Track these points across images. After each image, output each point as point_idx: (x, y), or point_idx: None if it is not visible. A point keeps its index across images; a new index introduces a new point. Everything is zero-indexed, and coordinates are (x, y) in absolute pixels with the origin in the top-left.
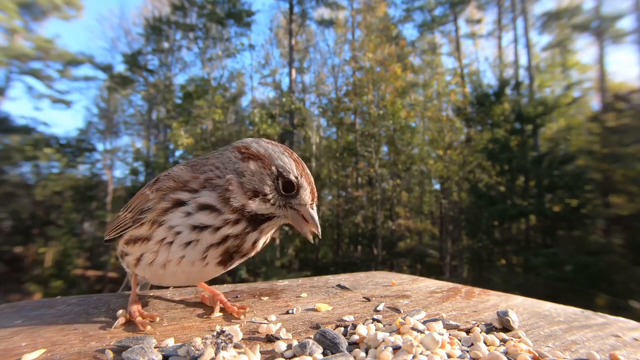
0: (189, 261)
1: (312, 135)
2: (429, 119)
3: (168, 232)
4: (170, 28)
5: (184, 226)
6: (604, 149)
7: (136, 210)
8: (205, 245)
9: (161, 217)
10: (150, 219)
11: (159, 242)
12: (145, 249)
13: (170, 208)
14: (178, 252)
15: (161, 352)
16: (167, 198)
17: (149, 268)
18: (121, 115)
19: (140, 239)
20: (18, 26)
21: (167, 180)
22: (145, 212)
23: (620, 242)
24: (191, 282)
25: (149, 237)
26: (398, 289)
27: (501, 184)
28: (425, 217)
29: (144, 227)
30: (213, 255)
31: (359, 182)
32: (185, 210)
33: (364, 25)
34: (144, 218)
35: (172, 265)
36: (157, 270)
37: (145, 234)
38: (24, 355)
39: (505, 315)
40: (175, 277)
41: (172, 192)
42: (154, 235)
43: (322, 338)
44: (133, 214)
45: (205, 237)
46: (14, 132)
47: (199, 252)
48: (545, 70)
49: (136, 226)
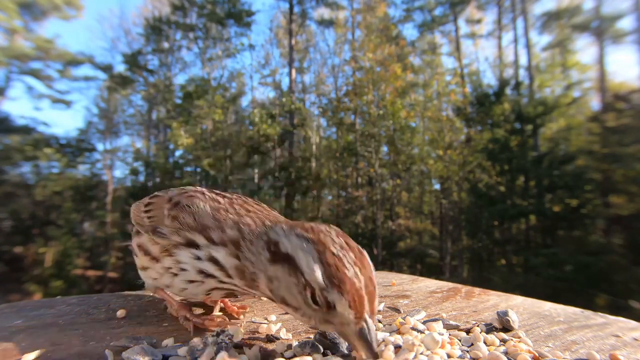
0: (190, 293)
1: (312, 135)
2: (429, 119)
3: (175, 265)
4: (170, 28)
5: (191, 267)
6: (604, 149)
7: (151, 224)
8: (210, 287)
9: (172, 248)
10: (163, 245)
11: (165, 269)
12: (151, 266)
13: (182, 245)
14: (181, 285)
15: (161, 352)
16: (181, 234)
17: (152, 282)
18: (121, 115)
19: (150, 255)
20: (18, 26)
21: (186, 215)
22: (158, 234)
23: (620, 242)
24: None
25: (158, 259)
26: (398, 289)
27: (501, 184)
28: (425, 217)
29: (156, 247)
30: (218, 294)
31: (359, 182)
32: (196, 253)
33: (364, 25)
34: (156, 238)
35: (173, 289)
36: (158, 284)
37: (155, 254)
38: (24, 355)
39: (505, 315)
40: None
41: (188, 231)
42: (162, 261)
43: (322, 338)
44: (150, 223)
45: (211, 282)
46: (14, 132)
47: (202, 290)
48: (545, 70)
49: (149, 238)
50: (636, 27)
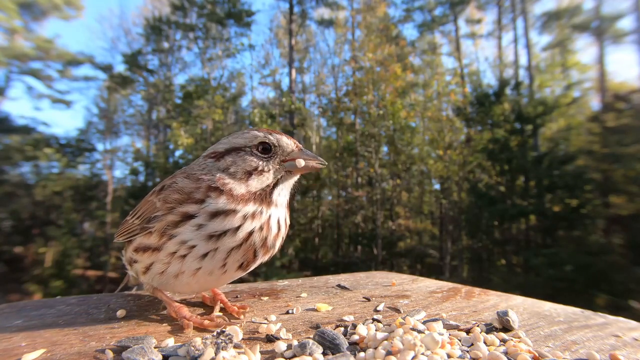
0: (206, 271)
1: (312, 135)
2: (429, 119)
3: (180, 246)
4: (170, 28)
5: (198, 239)
6: (604, 149)
7: (144, 218)
8: (226, 251)
9: (170, 230)
10: (158, 230)
11: (170, 255)
12: (155, 259)
13: (180, 222)
14: (194, 265)
15: (161, 352)
16: (174, 212)
17: (159, 277)
18: (121, 115)
19: (150, 249)
20: (18, 26)
21: (172, 192)
22: (153, 221)
23: (620, 242)
24: (204, 290)
25: (159, 248)
26: (398, 289)
27: (501, 184)
28: (425, 217)
29: (153, 237)
30: (234, 259)
31: (359, 182)
32: (196, 222)
33: (364, 25)
34: (151, 227)
35: (185, 276)
36: (168, 279)
37: (155, 244)
38: (24, 355)
39: (505, 315)
40: (188, 287)
41: (179, 204)
42: (165, 247)
43: (322, 338)
44: (140, 221)
45: (225, 242)
46: (14, 132)
47: (218, 261)
48: (545, 70)
49: (144, 234)
50: (636, 27)
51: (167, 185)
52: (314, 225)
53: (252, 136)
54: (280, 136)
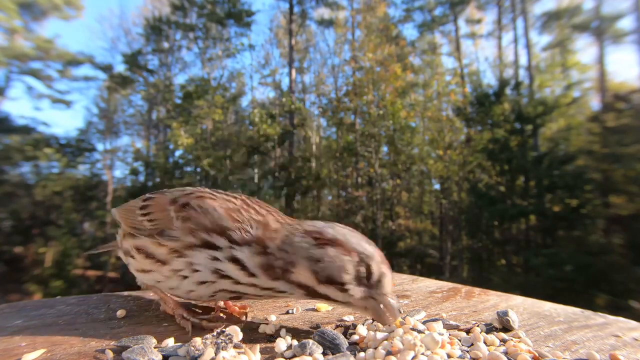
0: (196, 296)
1: (312, 135)
2: (429, 119)
3: (186, 267)
4: (170, 28)
5: (205, 267)
6: (604, 149)
7: (155, 228)
8: (219, 288)
9: (184, 250)
10: (173, 247)
11: (173, 271)
12: (156, 269)
13: (197, 246)
14: (189, 287)
15: (161, 352)
16: (196, 235)
17: (154, 282)
18: (121, 115)
19: (155, 259)
20: (18, 26)
21: (200, 216)
22: (166, 236)
23: (620, 242)
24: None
25: (165, 262)
26: (398, 289)
27: (501, 184)
28: (425, 217)
29: (162, 249)
30: (222, 296)
31: (359, 182)
32: (214, 254)
33: (364, 25)
34: (162, 241)
35: (177, 292)
36: (161, 287)
37: (162, 257)
38: (24, 355)
39: (505, 315)
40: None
41: (205, 232)
42: (171, 263)
43: (322, 338)
44: (152, 227)
45: (222, 283)
46: (14, 132)
47: (210, 292)
48: (545, 70)
49: (153, 241)
50: (636, 27)
51: (194, 202)
52: None
53: (370, 254)
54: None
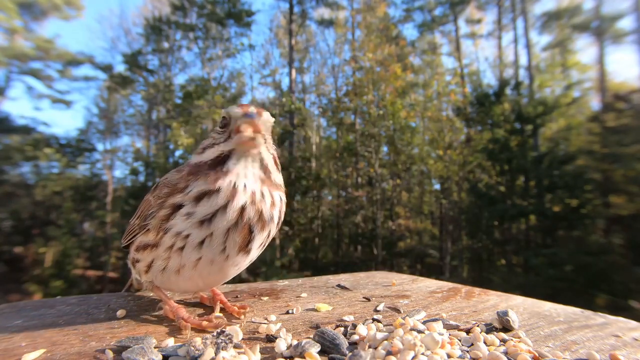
0: (207, 260)
1: (312, 135)
2: (429, 119)
3: (176, 238)
4: (170, 28)
5: (191, 227)
6: (604, 149)
7: (142, 217)
8: (222, 234)
9: (164, 224)
10: (154, 226)
11: (168, 249)
12: (155, 255)
13: (171, 214)
14: (193, 255)
15: (161, 352)
16: (165, 205)
17: (161, 275)
18: (121, 115)
19: (150, 246)
20: (18, 26)
21: (162, 187)
22: (149, 218)
23: (620, 242)
24: (208, 285)
25: (157, 244)
26: (398, 289)
27: (501, 184)
28: (425, 217)
29: (151, 234)
30: (233, 241)
31: (359, 182)
32: (185, 211)
33: (364, 25)
34: (148, 224)
35: (187, 269)
36: (170, 276)
37: (153, 240)
38: (24, 355)
39: (505, 315)
40: (191, 282)
41: (168, 197)
42: (162, 242)
43: (322, 338)
44: (139, 220)
45: (218, 223)
46: (14, 132)
47: (217, 245)
48: (545, 70)
49: (143, 232)
50: (636, 27)
51: (160, 182)
52: (314, 225)
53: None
54: (235, 106)
